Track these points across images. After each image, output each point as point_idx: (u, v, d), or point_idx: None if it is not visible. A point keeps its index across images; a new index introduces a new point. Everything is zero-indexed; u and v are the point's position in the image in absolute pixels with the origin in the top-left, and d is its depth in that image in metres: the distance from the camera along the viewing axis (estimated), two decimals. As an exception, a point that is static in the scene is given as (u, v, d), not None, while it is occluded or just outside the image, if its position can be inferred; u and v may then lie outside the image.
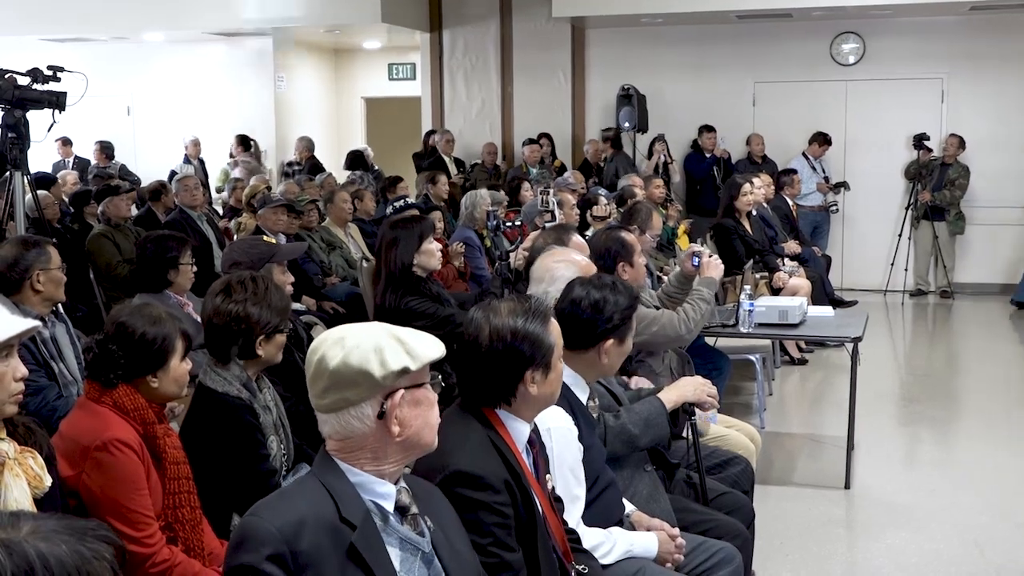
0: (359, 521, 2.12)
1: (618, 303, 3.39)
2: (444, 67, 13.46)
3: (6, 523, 1.32)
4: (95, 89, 6.83)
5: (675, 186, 12.04)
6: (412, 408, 2.18)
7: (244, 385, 3.45)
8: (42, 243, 4.40)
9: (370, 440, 2.17)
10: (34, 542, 1.28)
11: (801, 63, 12.32)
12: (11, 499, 2.55)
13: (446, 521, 2.34)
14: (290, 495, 2.16)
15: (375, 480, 2.19)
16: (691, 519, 3.55)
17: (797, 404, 7.72)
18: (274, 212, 7.71)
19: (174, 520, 3.06)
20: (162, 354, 3.06)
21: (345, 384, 2.13)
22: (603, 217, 7.56)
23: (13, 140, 6.15)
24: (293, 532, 2.04)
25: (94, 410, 3.01)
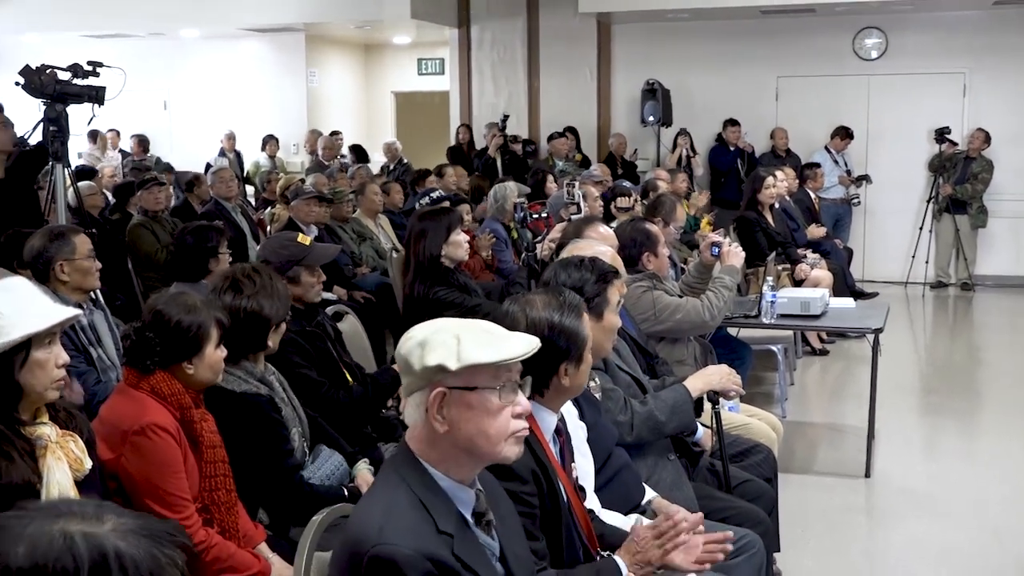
0: (454, 530, 2.10)
1: (587, 279, 3.36)
2: (472, 62, 13.45)
3: (91, 515, 1.31)
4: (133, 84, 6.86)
5: (698, 179, 12.01)
6: (463, 410, 2.11)
7: (260, 380, 3.46)
8: (67, 233, 4.39)
9: (429, 436, 2.14)
10: (114, 539, 1.28)
11: (824, 58, 12.23)
12: (53, 481, 2.58)
13: (505, 513, 2.33)
14: (392, 510, 2.08)
15: (456, 486, 2.17)
16: (714, 506, 3.54)
17: (818, 394, 7.68)
18: (306, 203, 7.74)
19: (210, 502, 3.08)
20: (197, 341, 3.07)
21: (403, 370, 2.15)
22: (627, 209, 7.55)
23: (55, 133, 6.19)
24: (424, 547, 2.02)
25: (132, 395, 3.03)
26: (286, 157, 13.85)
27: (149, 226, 7.83)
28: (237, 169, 12.38)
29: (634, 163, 12.45)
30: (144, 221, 7.91)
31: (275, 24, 13.26)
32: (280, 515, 3.40)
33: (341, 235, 7.99)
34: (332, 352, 4.16)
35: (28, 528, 1.28)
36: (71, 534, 1.27)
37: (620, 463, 3.27)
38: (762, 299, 5.83)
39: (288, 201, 8.32)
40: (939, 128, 11.50)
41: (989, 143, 11.44)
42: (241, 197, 9.48)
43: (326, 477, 3.51)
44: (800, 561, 4.48)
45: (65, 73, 6.23)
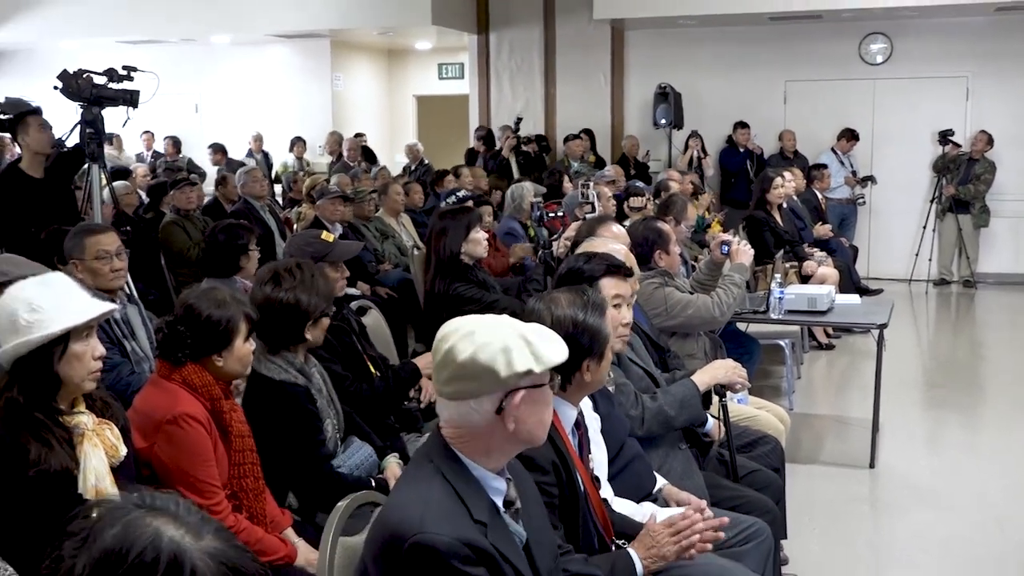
0: (487, 519, 2.11)
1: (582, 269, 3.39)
2: (491, 67, 13.45)
3: (192, 526, 1.31)
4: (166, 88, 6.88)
5: (709, 180, 11.99)
6: (530, 407, 2.14)
7: (299, 370, 3.47)
8: (82, 234, 4.35)
9: (483, 432, 2.15)
10: (198, 556, 1.28)
11: (831, 62, 12.18)
12: (90, 467, 2.60)
13: (531, 500, 2.33)
14: (429, 500, 2.09)
15: (489, 475, 2.18)
16: (723, 495, 3.54)
17: (824, 387, 7.66)
18: (331, 203, 7.76)
19: (239, 489, 3.10)
20: (227, 335, 3.08)
21: (469, 377, 2.10)
22: (639, 208, 7.54)
23: (91, 135, 6.22)
24: (463, 535, 2.04)
25: (165, 387, 3.05)
26: (312, 158, 13.88)
27: (181, 224, 7.87)
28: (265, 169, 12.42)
29: (646, 164, 12.44)
30: (176, 219, 7.94)
31: (301, 30, 13.29)
32: (309, 500, 3.41)
33: (365, 233, 8.01)
34: (357, 345, 4.17)
35: (130, 514, 1.29)
36: (162, 535, 1.28)
37: (632, 453, 3.27)
38: (770, 295, 5.82)
39: (314, 200, 8.35)
40: (942, 130, 11.46)
41: (992, 145, 11.38)
42: (269, 196, 9.51)
43: (355, 467, 3.52)
44: (806, 548, 4.46)
45: (101, 78, 6.26)
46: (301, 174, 11.81)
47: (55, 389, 2.61)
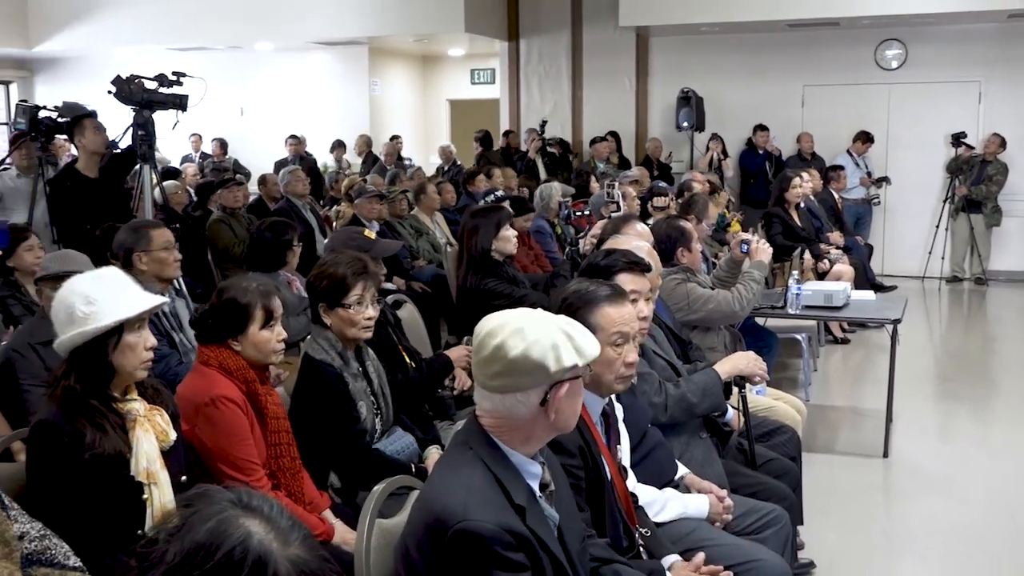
0: (526, 503, 2.12)
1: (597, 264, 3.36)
2: (521, 72, 13.44)
3: (282, 529, 1.31)
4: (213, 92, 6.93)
5: (729, 180, 11.93)
6: (569, 398, 2.16)
7: (339, 353, 3.47)
8: (146, 227, 4.44)
9: (526, 422, 2.15)
10: (283, 562, 1.27)
11: (847, 68, 12.07)
12: (141, 451, 2.62)
13: (561, 483, 2.33)
14: (472, 487, 2.09)
15: (527, 460, 2.19)
16: (742, 482, 3.53)
17: (840, 379, 7.60)
18: (368, 201, 7.80)
19: (276, 468, 3.12)
20: (242, 320, 3.08)
21: (520, 372, 2.10)
22: (663, 208, 7.51)
23: (142, 137, 6.27)
24: (504, 522, 2.04)
25: (203, 372, 3.08)
26: (351, 159, 13.92)
27: (227, 221, 7.93)
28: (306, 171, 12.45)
29: (669, 165, 12.39)
30: (223, 217, 8.00)
31: (341, 38, 13.32)
32: (350, 477, 3.42)
33: (400, 230, 8.03)
34: (392, 337, 4.19)
35: (225, 512, 1.29)
36: (253, 536, 1.28)
37: (654, 441, 3.26)
38: (788, 291, 5.78)
39: (352, 199, 8.38)
40: (955, 133, 11.35)
41: (1004, 147, 11.25)
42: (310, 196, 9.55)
43: (397, 452, 3.54)
44: (822, 534, 4.43)
45: (152, 83, 6.31)
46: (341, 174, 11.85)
47: (109, 377, 2.63)
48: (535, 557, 2.09)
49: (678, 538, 2.91)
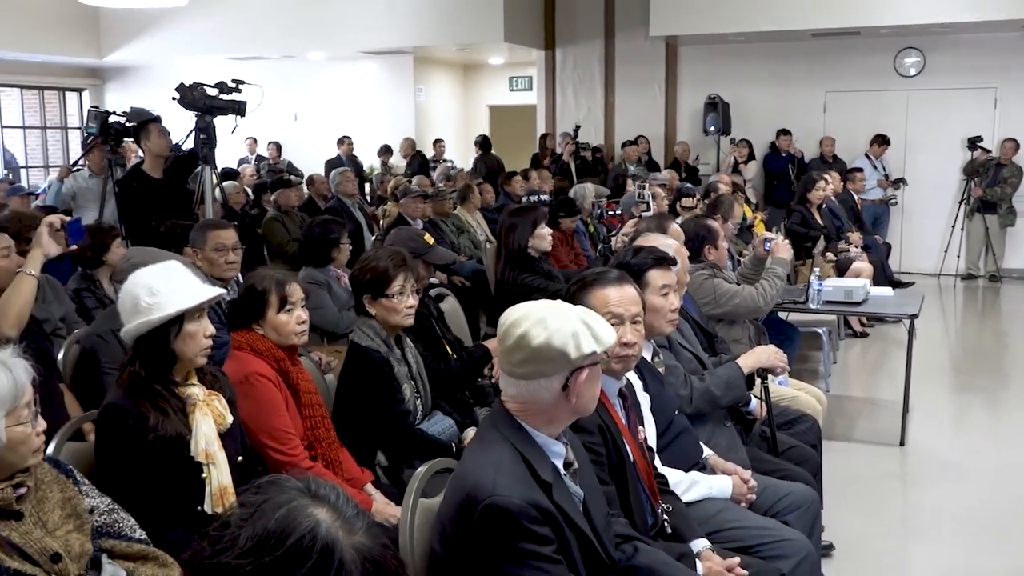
0: (551, 479, 2.12)
1: (630, 264, 3.31)
2: (556, 80, 13.41)
3: (348, 517, 1.31)
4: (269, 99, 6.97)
5: (751, 181, 11.84)
6: (588, 382, 2.17)
7: (383, 340, 3.49)
8: (207, 227, 4.46)
9: (549, 406, 2.16)
10: (348, 549, 1.27)
11: (867, 75, 11.92)
12: (200, 434, 2.64)
13: (583, 462, 2.33)
14: (500, 465, 2.10)
15: (550, 441, 2.20)
16: (765, 468, 3.49)
17: (858, 371, 7.50)
18: (413, 201, 7.80)
19: (313, 439, 3.16)
20: (259, 305, 3.14)
21: (543, 360, 2.11)
22: (691, 208, 7.46)
23: (204, 141, 6.32)
24: (531, 497, 2.05)
25: (236, 355, 3.12)
26: (396, 161, 13.96)
27: (281, 220, 7.98)
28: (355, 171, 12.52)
29: (696, 168, 12.32)
30: (277, 215, 8.05)
31: (388, 47, 13.36)
32: (395, 456, 3.43)
33: (442, 228, 8.04)
34: (436, 329, 4.19)
35: (295, 501, 1.29)
36: (321, 524, 1.27)
37: (680, 427, 3.24)
38: (809, 287, 5.73)
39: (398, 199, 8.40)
40: (972, 137, 11.18)
41: (1018, 151, 11.07)
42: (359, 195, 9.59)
43: (438, 433, 3.54)
44: (841, 518, 4.39)
45: (213, 89, 6.36)
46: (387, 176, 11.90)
47: (171, 364, 2.66)
48: (561, 531, 2.09)
49: (704, 519, 2.89)
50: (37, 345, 3.04)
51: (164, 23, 13.59)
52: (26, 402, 2.08)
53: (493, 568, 2.04)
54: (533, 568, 2.03)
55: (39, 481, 2.16)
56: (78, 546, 2.14)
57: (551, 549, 2.06)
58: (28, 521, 2.08)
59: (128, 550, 2.29)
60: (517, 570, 2.03)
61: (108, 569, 2.21)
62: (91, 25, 14.13)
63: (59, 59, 14.35)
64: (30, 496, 2.11)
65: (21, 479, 2.10)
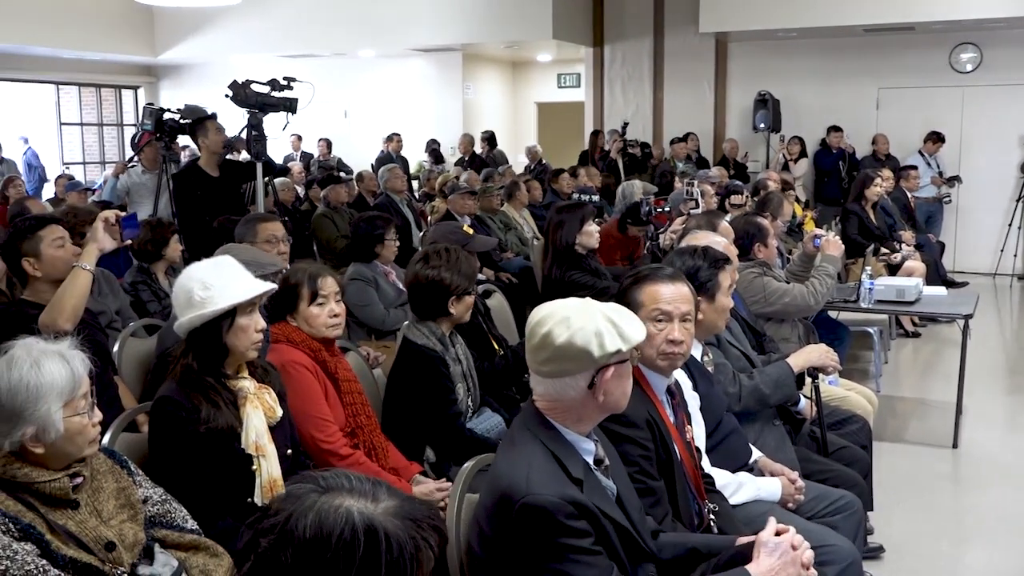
0: (583, 475, 2.13)
1: (701, 266, 3.28)
2: (605, 77, 13.36)
3: (368, 492, 1.32)
4: (319, 96, 7.02)
5: (801, 179, 11.69)
6: (616, 380, 2.16)
7: (439, 339, 3.50)
8: (256, 221, 4.52)
9: (577, 404, 2.16)
10: (383, 520, 1.29)
11: (921, 71, 11.70)
12: (251, 426, 2.67)
13: (614, 460, 2.33)
14: (533, 463, 2.10)
15: (580, 438, 2.20)
16: (814, 468, 3.45)
17: (910, 372, 7.38)
18: (461, 197, 7.82)
19: (355, 426, 3.18)
20: (292, 298, 3.17)
21: (567, 359, 2.12)
22: (740, 205, 7.38)
23: (256, 137, 6.39)
24: (565, 493, 2.06)
25: (274, 348, 3.15)
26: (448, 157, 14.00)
27: (330, 216, 8.04)
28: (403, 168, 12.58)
29: (745, 165, 12.20)
30: (327, 212, 8.12)
31: (437, 45, 13.40)
32: (444, 453, 3.44)
33: (489, 225, 8.05)
34: (483, 325, 4.19)
35: (316, 502, 1.30)
36: (351, 511, 1.28)
37: (729, 427, 3.21)
38: (861, 286, 5.65)
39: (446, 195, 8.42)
40: (1029, 134, 10.94)
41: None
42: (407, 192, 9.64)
43: (486, 431, 3.55)
44: (891, 520, 4.32)
45: (265, 87, 6.42)
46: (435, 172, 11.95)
47: (223, 357, 2.69)
48: (598, 525, 2.09)
49: (751, 520, 2.85)
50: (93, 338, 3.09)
51: (217, 21, 13.77)
52: (83, 393, 2.12)
53: (535, 566, 2.05)
54: (574, 562, 2.04)
55: (95, 471, 2.20)
56: (131, 535, 2.17)
57: (590, 541, 2.07)
58: (84, 510, 2.12)
59: (180, 540, 2.32)
60: (559, 565, 2.04)
61: (160, 558, 2.24)
62: (146, 24, 14.37)
63: (115, 57, 14.62)
64: (86, 486, 2.15)
65: (77, 469, 2.14)
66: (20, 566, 1.94)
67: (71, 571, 2.02)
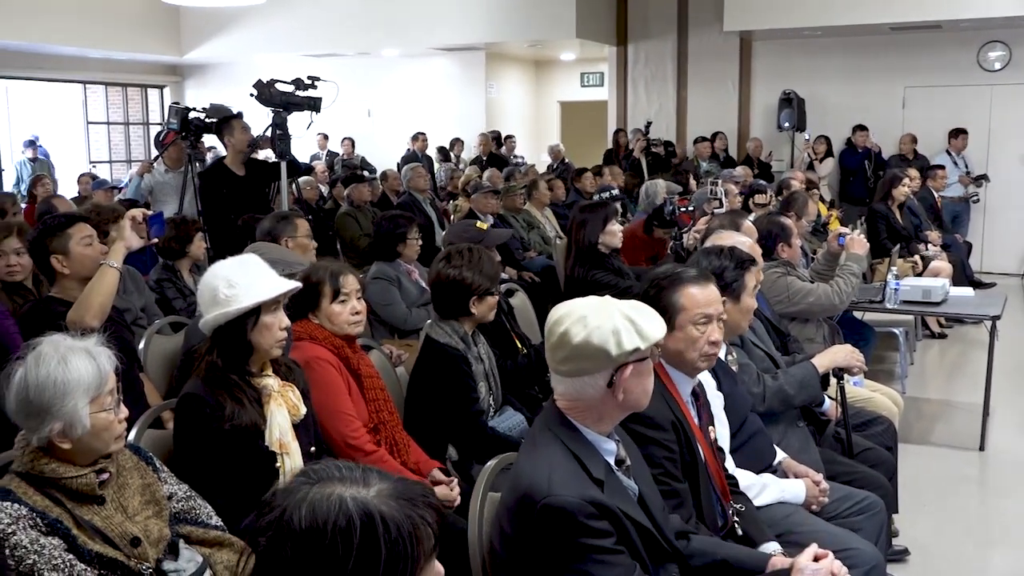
0: (603, 476, 2.12)
1: (727, 266, 3.27)
2: (628, 75, 13.33)
3: (358, 479, 1.34)
4: (343, 95, 7.04)
5: (827, 178, 11.61)
6: (636, 378, 2.15)
7: (461, 338, 3.51)
8: (291, 217, 4.57)
9: (596, 403, 2.16)
10: (378, 503, 1.30)
11: (949, 69, 11.58)
12: (275, 424, 2.68)
13: (635, 460, 2.33)
14: (553, 464, 2.10)
15: (601, 438, 2.20)
16: (838, 470, 3.42)
17: (936, 373, 7.31)
18: (484, 196, 7.83)
19: (378, 422, 3.19)
20: (314, 295, 3.18)
21: (584, 357, 2.11)
22: (764, 205, 7.35)
23: (280, 136, 6.43)
24: (586, 494, 2.05)
25: (297, 345, 3.17)
26: (467, 156, 14.03)
27: (354, 215, 8.07)
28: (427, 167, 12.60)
29: (769, 164, 12.14)
30: (350, 211, 8.15)
31: (460, 44, 13.42)
32: (466, 451, 3.45)
33: (512, 224, 8.05)
34: (506, 324, 4.20)
35: (308, 493, 1.31)
36: (344, 498, 1.30)
37: (754, 428, 3.19)
38: (886, 286, 5.60)
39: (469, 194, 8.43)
40: (1058, 133, 10.81)
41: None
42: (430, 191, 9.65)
43: (508, 429, 3.55)
44: (917, 523, 4.28)
45: (289, 86, 6.45)
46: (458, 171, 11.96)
47: (247, 354, 2.70)
48: (620, 525, 2.09)
49: (774, 523, 2.84)
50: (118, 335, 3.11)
51: (242, 21, 13.86)
52: (109, 389, 2.13)
53: (557, 567, 2.05)
54: (597, 562, 2.04)
55: (120, 467, 2.22)
56: (157, 531, 2.19)
57: (611, 541, 2.06)
58: (110, 506, 2.14)
59: (205, 536, 2.34)
60: (581, 565, 2.04)
61: (185, 554, 2.26)
62: (172, 23, 14.48)
63: (141, 57, 14.74)
64: (112, 482, 2.17)
65: (104, 465, 2.16)
66: (48, 560, 1.96)
67: (97, 566, 2.04)
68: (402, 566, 1.29)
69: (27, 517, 1.99)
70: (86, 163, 15.01)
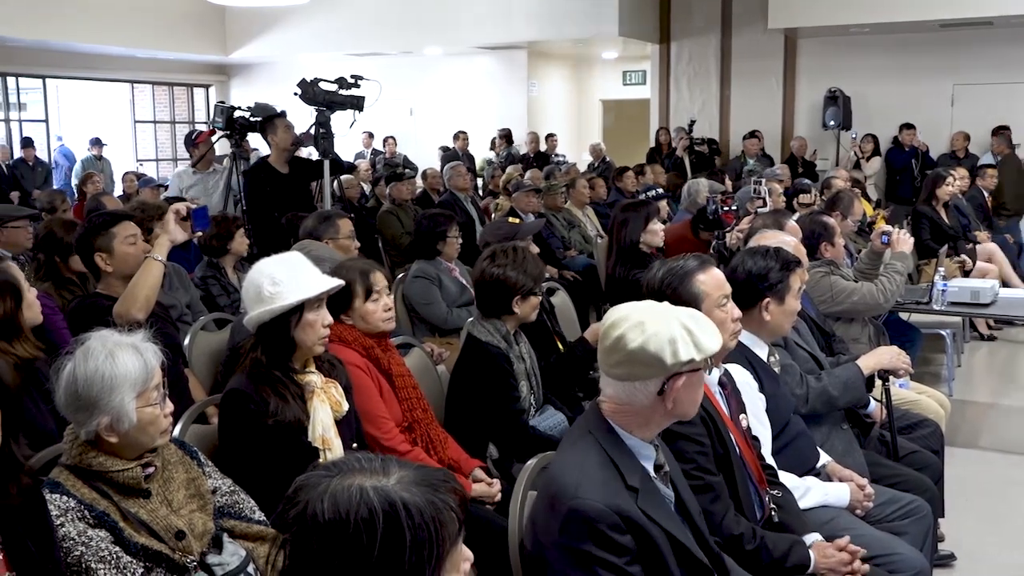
0: (639, 484, 2.10)
1: (772, 267, 3.22)
2: (671, 74, 13.26)
3: (378, 469, 1.35)
4: (386, 94, 7.07)
5: (873, 177, 11.45)
6: (687, 389, 2.13)
7: (503, 337, 3.51)
8: (333, 217, 4.59)
9: (645, 409, 2.14)
10: (399, 491, 1.31)
11: (1000, 67, 11.36)
12: (318, 420, 2.70)
13: (674, 467, 2.31)
14: (586, 468, 2.09)
15: (642, 444, 2.18)
16: (883, 473, 3.38)
17: (984, 376, 7.18)
18: (525, 195, 7.83)
19: (412, 420, 3.19)
20: (347, 296, 3.15)
21: (638, 363, 2.09)
22: (808, 204, 7.27)
23: (323, 134, 6.47)
24: (614, 503, 2.04)
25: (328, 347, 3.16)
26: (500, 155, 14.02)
27: (396, 213, 8.11)
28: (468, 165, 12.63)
29: (813, 163, 12.00)
30: (392, 209, 8.19)
31: (502, 42, 13.44)
32: (507, 449, 3.45)
33: (553, 223, 8.03)
34: (547, 323, 4.19)
35: (329, 486, 1.33)
36: (365, 488, 1.31)
37: (797, 430, 3.16)
38: (933, 287, 5.51)
39: (510, 193, 8.44)
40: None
41: None
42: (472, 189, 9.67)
43: (549, 428, 3.55)
44: (963, 527, 4.21)
45: (332, 85, 6.49)
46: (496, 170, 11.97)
47: (291, 351, 2.72)
48: (648, 542, 2.05)
49: (818, 525, 2.81)
50: (163, 331, 3.16)
51: (286, 21, 13.99)
52: (155, 384, 2.17)
53: (565, 570, 2.03)
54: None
55: (166, 461, 2.25)
56: (201, 525, 2.22)
57: (625, 560, 2.02)
58: (155, 499, 2.17)
59: (248, 530, 2.36)
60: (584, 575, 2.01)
61: (229, 548, 2.28)
62: (217, 23, 14.66)
63: (188, 56, 14.94)
64: (157, 475, 2.20)
65: (149, 459, 2.19)
66: (95, 552, 2.00)
67: (142, 558, 2.07)
68: (428, 551, 1.30)
69: (75, 509, 2.03)
70: (133, 161, 15.26)
